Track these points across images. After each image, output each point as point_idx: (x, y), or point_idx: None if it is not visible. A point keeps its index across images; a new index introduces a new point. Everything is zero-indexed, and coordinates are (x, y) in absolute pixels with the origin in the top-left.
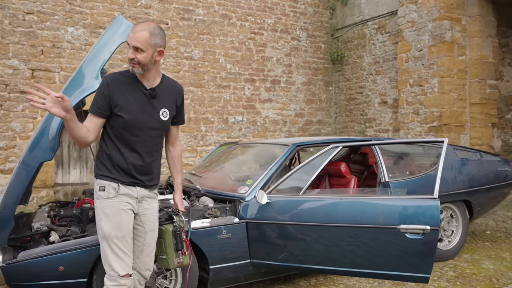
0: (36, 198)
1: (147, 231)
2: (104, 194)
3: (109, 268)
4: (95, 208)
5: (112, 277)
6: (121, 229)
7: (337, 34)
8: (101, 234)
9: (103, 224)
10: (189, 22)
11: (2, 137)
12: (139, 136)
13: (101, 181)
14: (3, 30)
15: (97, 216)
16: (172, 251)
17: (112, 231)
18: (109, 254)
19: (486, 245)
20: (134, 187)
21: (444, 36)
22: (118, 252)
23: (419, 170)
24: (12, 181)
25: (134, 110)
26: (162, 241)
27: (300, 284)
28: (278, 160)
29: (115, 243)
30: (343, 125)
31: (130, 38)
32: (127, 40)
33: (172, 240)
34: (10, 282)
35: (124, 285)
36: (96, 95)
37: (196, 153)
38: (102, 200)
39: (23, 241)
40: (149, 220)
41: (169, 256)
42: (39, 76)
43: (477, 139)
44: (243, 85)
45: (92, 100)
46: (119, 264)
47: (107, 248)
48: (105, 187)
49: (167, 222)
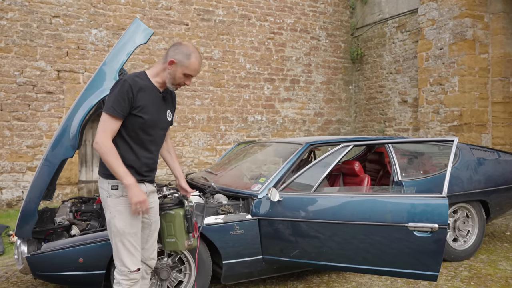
0: (61, 195)
1: (152, 223)
2: (117, 192)
3: (120, 264)
4: (107, 207)
5: (122, 272)
6: (134, 225)
7: (357, 33)
8: (114, 231)
9: (116, 221)
10: (209, 22)
11: (29, 135)
12: (152, 136)
13: (113, 181)
14: (31, 33)
15: (109, 214)
16: (183, 233)
17: (126, 227)
18: (121, 250)
19: (504, 246)
20: (143, 184)
21: (465, 34)
22: (130, 248)
23: (433, 169)
24: (36, 177)
25: (152, 111)
26: (171, 224)
27: (312, 281)
28: (291, 158)
29: (128, 239)
30: (363, 124)
31: (196, 72)
32: (192, 74)
33: (184, 223)
34: (35, 272)
35: (134, 279)
36: (117, 98)
37: (215, 152)
38: (116, 198)
39: (46, 234)
40: (154, 212)
41: (179, 239)
42: (64, 77)
43: (500, 138)
44: (262, 84)
45: (113, 103)
46: (131, 259)
47: (120, 244)
48: (118, 185)
49: (176, 206)
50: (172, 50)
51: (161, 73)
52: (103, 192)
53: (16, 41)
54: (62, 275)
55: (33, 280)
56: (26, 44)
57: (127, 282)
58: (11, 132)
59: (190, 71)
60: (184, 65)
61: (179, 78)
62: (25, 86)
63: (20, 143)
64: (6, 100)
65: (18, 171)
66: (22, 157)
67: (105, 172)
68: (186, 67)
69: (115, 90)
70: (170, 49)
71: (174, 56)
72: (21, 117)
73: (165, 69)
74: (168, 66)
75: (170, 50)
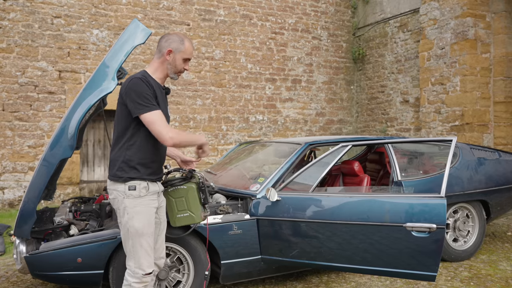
0: (62, 195)
1: (161, 221)
2: (135, 193)
3: (135, 265)
4: (124, 208)
5: (136, 274)
6: (151, 225)
7: (359, 33)
8: (132, 231)
9: (135, 222)
10: (210, 23)
11: (31, 136)
12: None
13: (131, 181)
14: (33, 34)
15: (126, 214)
16: (198, 206)
17: (144, 228)
18: (139, 251)
19: (505, 247)
20: (156, 183)
21: (467, 33)
22: (148, 248)
23: (433, 169)
24: (35, 177)
25: (162, 107)
26: (182, 199)
27: (312, 281)
28: (289, 158)
29: (146, 240)
30: (365, 124)
31: (192, 54)
32: (190, 57)
33: (199, 195)
34: (33, 271)
35: (146, 283)
36: (143, 95)
37: (217, 152)
38: (134, 199)
39: (45, 233)
40: (163, 211)
41: (194, 212)
42: (65, 77)
43: (502, 138)
44: (264, 84)
45: (145, 101)
46: (147, 260)
47: (138, 245)
48: (136, 186)
49: (186, 181)
50: (163, 42)
51: (160, 67)
52: (118, 194)
53: (17, 41)
54: (61, 274)
55: (33, 280)
56: (27, 44)
57: (139, 285)
58: (13, 132)
59: (187, 55)
60: (181, 50)
61: (179, 65)
62: (26, 86)
63: (21, 143)
64: (8, 100)
65: (20, 171)
66: (23, 157)
67: (118, 176)
68: (183, 51)
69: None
70: (161, 42)
71: (169, 46)
72: (22, 117)
73: (164, 62)
74: (166, 57)
75: (161, 43)
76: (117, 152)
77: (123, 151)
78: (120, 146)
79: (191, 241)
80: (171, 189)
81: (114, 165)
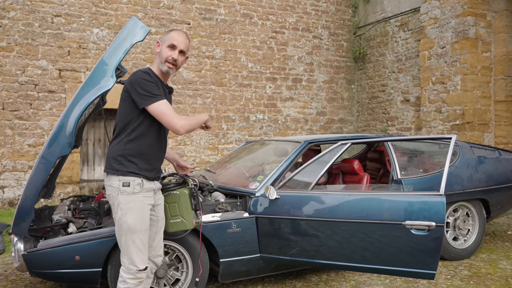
0: (62, 194)
1: (159, 219)
2: (129, 189)
3: (128, 262)
4: (118, 204)
5: (130, 270)
6: (144, 222)
7: (359, 32)
8: (125, 228)
9: (128, 218)
10: (210, 21)
11: (31, 134)
12: (165, 130)
13: (124, 177)
14: (33, 32)
15: (119, 211)
16: (190, 212)
17: (137, 224)
18: (131, 247)
19: (505, 246)
20: (153, 182)
21: (468, 32)
22: (140, 245)
23: (433, 168)
24: (32, 175)
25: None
26: (175, 205)
27: (311, 280)
28: (289, 156)
29: (139, 236)
30: (365, 124)
31: (177, 41)
32: (173, 42)
33: (190, 201)
34: (31, 269)
35: (140, 278)
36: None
37: (217, 151)
38: (128, 195)
39: (44, 231)
40: (161, 209)
41: (186, 218)
42: (66, 76)
43: (503, 137)
44: (264, 83)
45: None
46: (140, 257)
47: (130, 242)
48: (130, 182)
49: (179, 186)
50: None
51: (155, 62)
52: (113, 190)
53: (17, 40)
54: (59, 272)
55: (32, 279)
56: (27, 43)
57: (133, 281)
58: (13, 131)
59: (171, 41)
60: (166, 39)
61: (164, 52)
62: (26, 85)
63: (21, 142)
64: (8, 99)
65: (20, 170)
66: (23, 156)
67: (115, 168)
68: (168, 39)
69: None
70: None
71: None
72: (22, 116)
73: (157, 56)
74: (157, 49)
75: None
76: (115, 145)
77: (122, 144)
78: (119, 140)
79: (190, 239)
80: (165, 194)
81: (112, 158)
